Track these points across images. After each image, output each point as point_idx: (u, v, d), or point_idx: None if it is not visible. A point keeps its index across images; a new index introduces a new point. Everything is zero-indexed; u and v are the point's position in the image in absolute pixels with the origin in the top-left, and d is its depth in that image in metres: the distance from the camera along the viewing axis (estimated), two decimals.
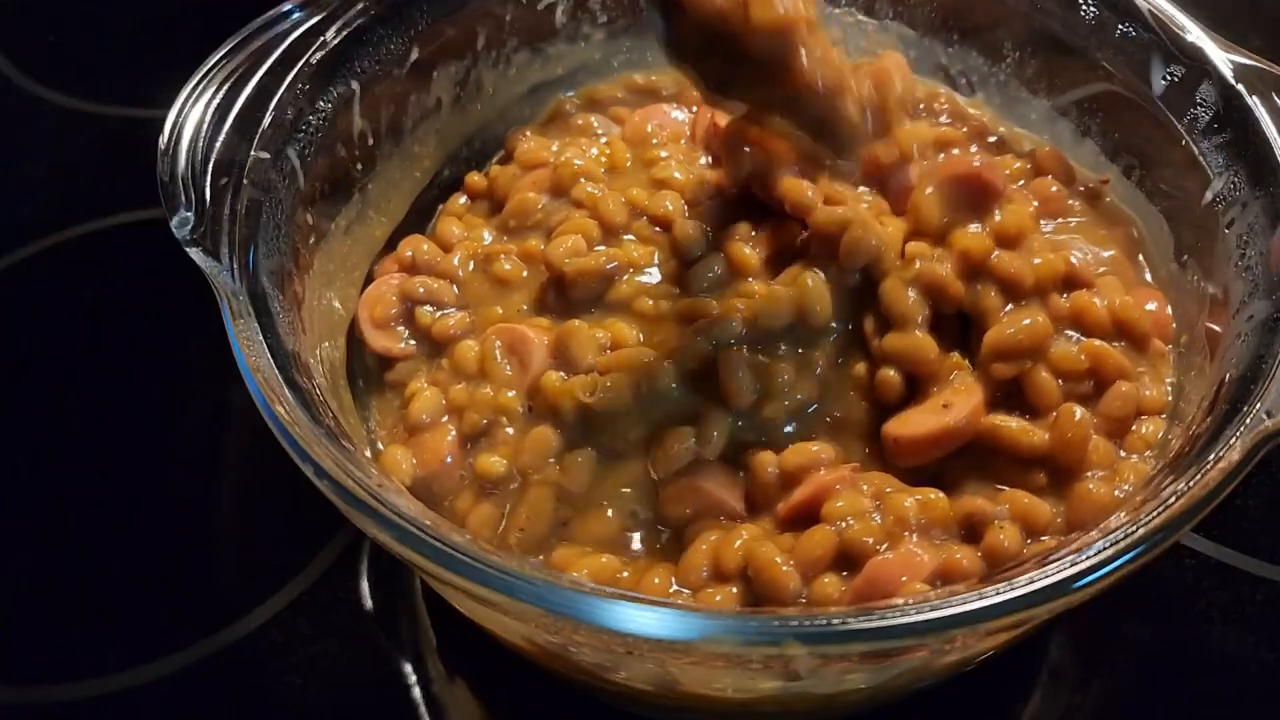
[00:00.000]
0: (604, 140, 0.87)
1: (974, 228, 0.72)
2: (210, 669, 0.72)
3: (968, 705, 0.71)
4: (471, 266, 0.78)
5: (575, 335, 0.69)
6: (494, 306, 0.75)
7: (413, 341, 0.76)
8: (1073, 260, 0.72)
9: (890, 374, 0.68)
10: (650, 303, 0.72)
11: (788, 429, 0.68)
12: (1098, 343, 0.68)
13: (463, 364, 0.71)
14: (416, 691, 0.72)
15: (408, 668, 0.73)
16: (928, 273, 0.69)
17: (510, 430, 0.68)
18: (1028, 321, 0.67)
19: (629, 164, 0.83)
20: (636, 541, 0.65)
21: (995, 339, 0.67)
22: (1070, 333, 0.70)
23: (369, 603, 0.76)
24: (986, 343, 0.67)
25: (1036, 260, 0.70)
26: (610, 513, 0.65)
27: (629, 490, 0.66)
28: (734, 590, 0.60)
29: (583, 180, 0.79)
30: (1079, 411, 0.65)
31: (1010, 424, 0.65)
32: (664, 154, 0.82)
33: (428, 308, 0.76)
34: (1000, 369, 0.67)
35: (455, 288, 0.77)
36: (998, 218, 0.72)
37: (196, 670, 0.72)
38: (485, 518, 0.65)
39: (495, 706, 0.73)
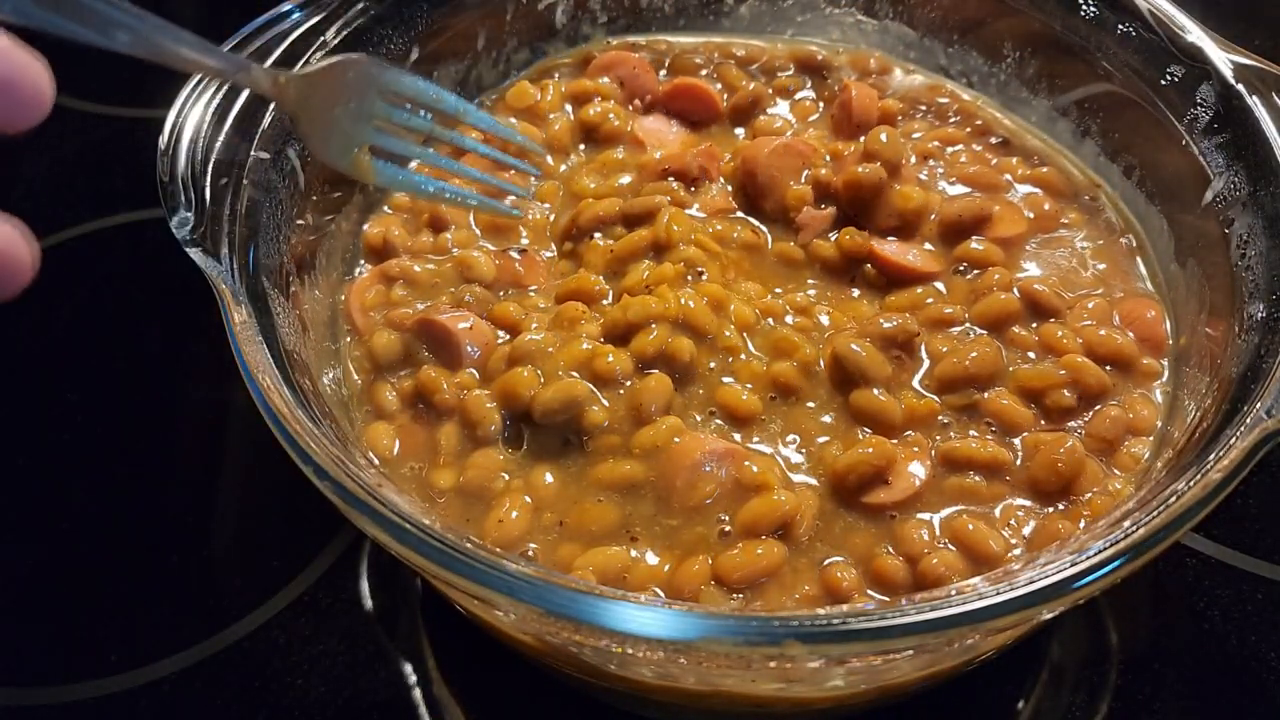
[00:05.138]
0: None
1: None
2: (210, 669, 0.72)
3: (968, 705, 0.72)
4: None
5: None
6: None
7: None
8: (1037, 289, 0.74)
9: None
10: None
11: None
12: (1080, 359, 0.70)
13: (383, 353, 0.72)
14: (416, 691, 0.72)
15: (407, 668, 0.73)
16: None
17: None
18: (975, 354, 0.70)
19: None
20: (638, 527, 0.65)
21: (939, 371, 0.70)
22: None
23: (369, 603, 0.76)
24: (934, 377, 0.70)
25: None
26: (601, 499, 0.65)
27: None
28: None
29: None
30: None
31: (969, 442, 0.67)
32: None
33: (400, 291, 0.76)
34: (951, 400, 0.69)
35: (417, 268, 0.77)
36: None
37: (197, 670, 0.72)
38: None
39: (494, 707, 0.73)
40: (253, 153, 0.69)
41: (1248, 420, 0.57)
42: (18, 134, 0.46)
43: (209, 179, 0.66)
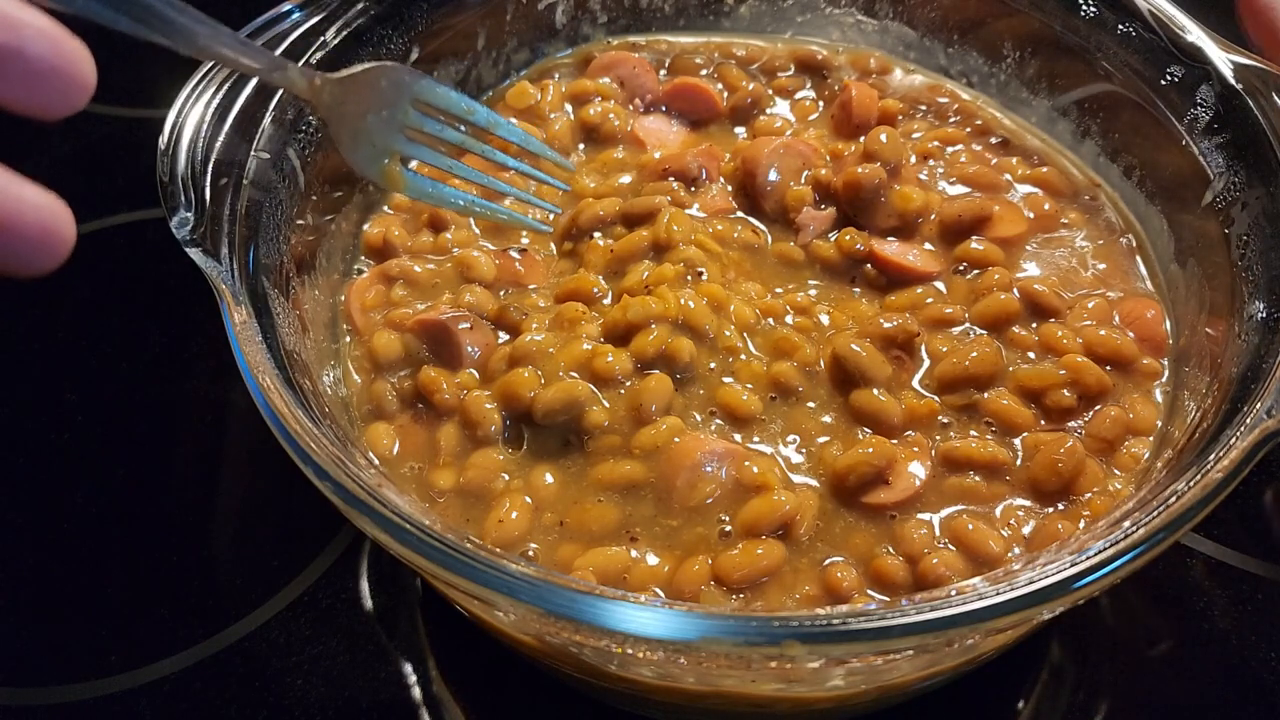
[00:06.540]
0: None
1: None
2: (210, 669, 0.72)
3: (968, 705, 0.72)
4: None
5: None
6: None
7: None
8: (1037, 289, 0.74)
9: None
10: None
11: None
12: (1080, 359, 0.70)
13: (383, 353, 0.72)
14: (416, 691, 0.72)
15: (407, 668, 0.73)
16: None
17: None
18: (975, 354, 0.70)
19: None
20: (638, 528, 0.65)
21: (939, 371, 0.70)
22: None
23: (369, 603, 0.76)
24: (934, 377, 0.70)
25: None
26: (601, 499, 0.65)
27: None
28: None
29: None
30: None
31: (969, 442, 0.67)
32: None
33: (400, 291, 0.76)
34: (951, 400, 0.70)
35: (417, 268, 0.78)
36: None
37: (197, 670, 0.72)
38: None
39: (494, 707, 0.73)
40: (253, 153, 0.69)
41: (1248, 420, 0.57)
42: (54, 121, 0.46)
43: (209, 179, 0.66)
